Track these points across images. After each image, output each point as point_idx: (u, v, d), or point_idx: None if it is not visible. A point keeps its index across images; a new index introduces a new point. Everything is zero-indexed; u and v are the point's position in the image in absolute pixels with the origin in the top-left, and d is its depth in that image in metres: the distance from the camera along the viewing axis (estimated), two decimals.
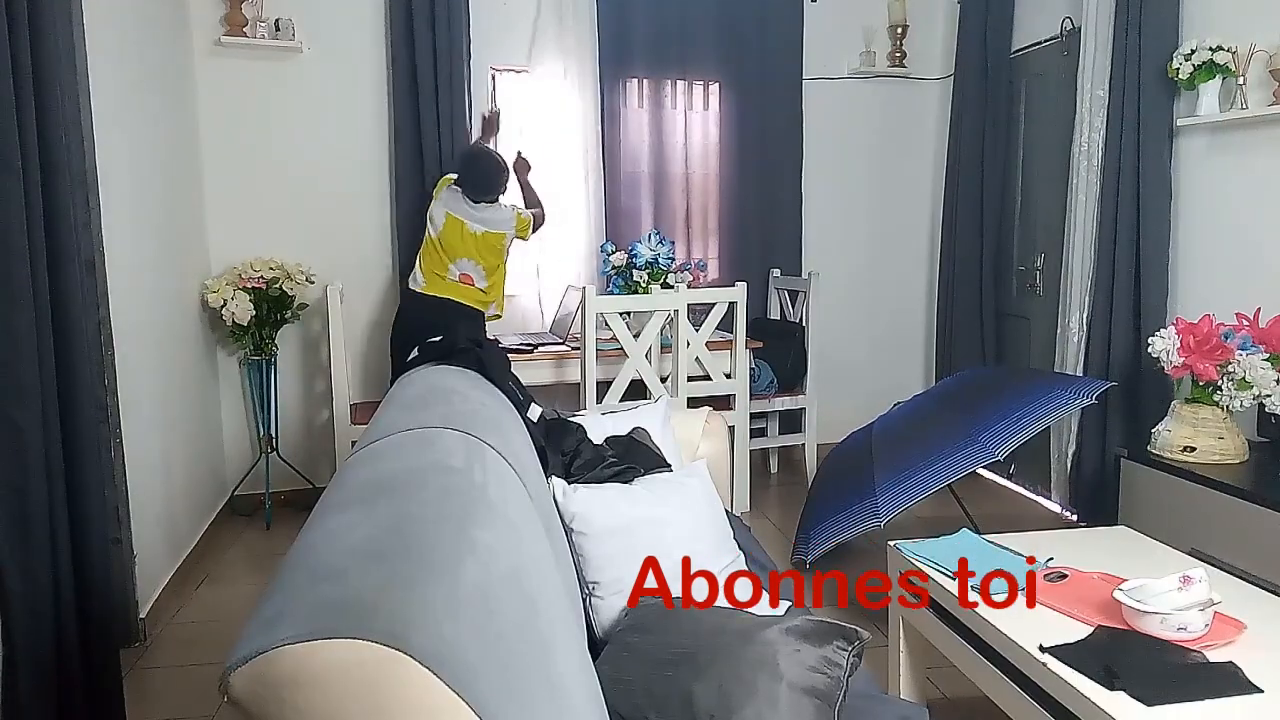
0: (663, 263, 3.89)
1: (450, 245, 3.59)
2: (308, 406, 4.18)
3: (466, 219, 3.57)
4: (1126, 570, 1.94)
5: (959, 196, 4.40)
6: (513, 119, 4.23)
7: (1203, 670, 1.58)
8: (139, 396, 2.89)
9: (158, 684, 2.58)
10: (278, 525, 3.88)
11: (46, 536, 1.90)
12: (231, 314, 3.66)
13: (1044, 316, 4.03)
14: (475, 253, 3.60)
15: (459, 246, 3.58)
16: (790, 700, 1.29)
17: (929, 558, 2.14)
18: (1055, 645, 1.67)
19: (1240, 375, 2.66)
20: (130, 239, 2.90)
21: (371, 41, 4.04)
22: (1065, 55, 3.84)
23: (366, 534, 0.96)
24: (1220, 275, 3.16)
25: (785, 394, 4.25)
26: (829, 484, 3.29)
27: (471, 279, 3.62)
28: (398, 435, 1.40)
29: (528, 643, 0.94)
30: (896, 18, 4.60)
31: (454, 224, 3.57)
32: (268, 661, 0.75)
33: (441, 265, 3.60)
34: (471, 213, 3.58)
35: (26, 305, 1.83)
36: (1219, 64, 2.97)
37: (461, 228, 3.57)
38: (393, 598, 0.82)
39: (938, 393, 3.39)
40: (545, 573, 1.18)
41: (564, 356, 3.68)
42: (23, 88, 1.85)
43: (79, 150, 2.44)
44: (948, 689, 2.45)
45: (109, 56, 2.77)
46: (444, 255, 3.60)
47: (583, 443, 2.22)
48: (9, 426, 1.80)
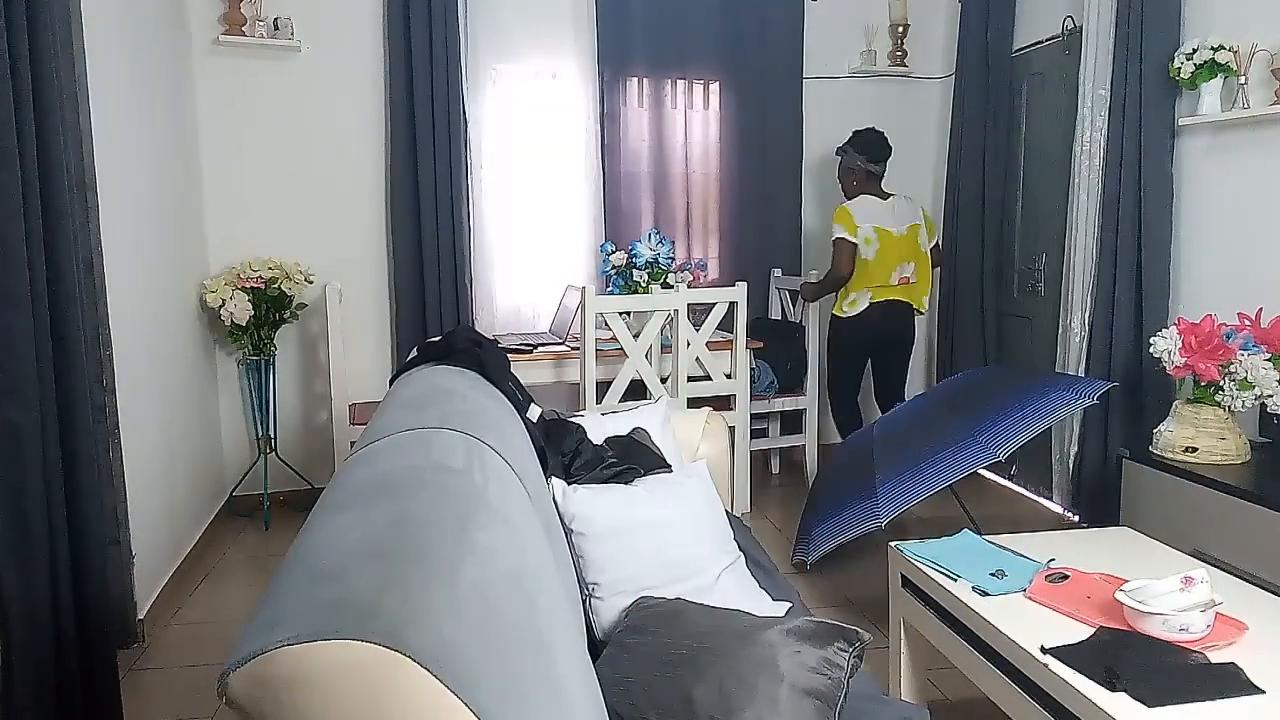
0: (663, 262, 3.89)
1: (885, 256, 3.79)
2: (306, 407, 4.18)
3: (890, 227, 3.79)
4: (1128, 571, 1.94)
5: (960, 196, 4.40)
6: (513, 118, 4.23)
7: (1204, 671, 1.58)
8: (138, 397, 2.88)
9: (156, 685, 2.57)
10: (276, 526, 3.88)
11: (45, 537, 1.89)
12: (230, 314, 3.66)
13: (1045, 316, 4.02)
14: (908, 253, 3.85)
15: (893, 254, 3.80)
16: (791, 701, 1.29)
17: (930, 558, 2.13)
18: (1056, 646, 1.67)
19: (1242, 375, 2.65)
20: (129, 239, 2.89)
21: (370, 40, 4.04)
22: (1066, 54, 3.83)
23: (366, 534, 0.96)
24: (1222, 275, 3.15)
25: (786, 395, 4.25)
26: (830, 485, 3.29)
27: (909, 279, 3.87)
28: (397, 435, 1.40)
29: (528, 643, 0.94)
30: (897, 17, 4.60)
31: (883, 235, 3.78)
32: (267, 662, 0.75)
33: (884, 277, 3.80)
34: (888, 217, 3.79)
35: (25, 305, 1.82)
36: (1220, 63, 2.97)
37: (888, 236, 3.78)
38: (392, 598, 0.81)
39: (939, 393, 3.39)
40: (545, 573, 1.18)
41: (563, 356, 3.67)
42: (21, 87, 1.85)
43: (77, 150, 2.44)
44: (948, 690, 2.45)
45: (108, 56, 2.76)
46: (883, 268, 3.80)
47: (583, 443, 2.21)
48: (7, 427, 1.80)
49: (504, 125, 4.22)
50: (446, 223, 4.02)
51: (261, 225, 3.98)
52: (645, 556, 1.86)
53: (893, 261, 3.81)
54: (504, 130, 4.22)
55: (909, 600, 2.20)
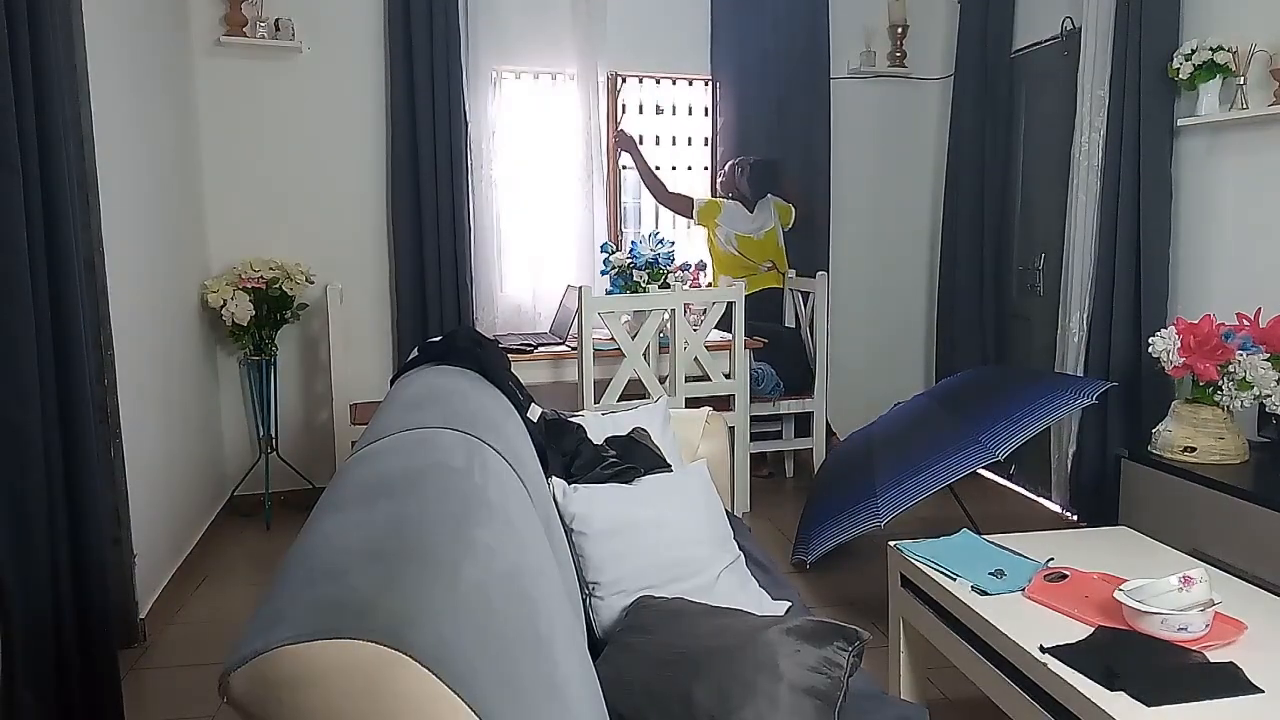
0: (663, 263, 3.89)
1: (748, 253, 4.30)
2: (307, 407, 4.18)
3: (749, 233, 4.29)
4: (1127, 570, 1.94)
5: (959, 197, 4.40)
6: (513, 119, 4.23)
7: (1203, 670, 1.58)
8: (139, 396, 2.88)
9: (157, 685, 2.57)
10: (277, 525, 3.88)
11: (46, 537, 1.90)
12: (231, 314, 3.66)
13: (1044, 317, 4.02)
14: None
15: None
16: (790, 701, 1.29)
17: (929, 558, 2.14)
18: (1056, 645, 1.67)
19: (1241, 375, 2.66)
20: (130, 239, 2.90)
21: (371, 41, 4.04)
22: (1065, 55, 3.83)
23: (366, 534, 0.96)
24: (1221, 275, 3.16)
25: (793, 397, 4.24)
26: (830, 484, 3.29)
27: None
28: (397, 435, 1.40)
29: (527, 643, 0.94)
30: (896, 17, 4.60)
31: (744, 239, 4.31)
32: (267, 662, 0.75)
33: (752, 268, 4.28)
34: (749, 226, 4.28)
35: (26, 305, 1.83)
36: (1219, 64, 2.97)
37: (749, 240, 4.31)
38: (393, 598, 0.82)
39: (938, 393, 3.39)
40: (545, 573, 1.18)
41: (563, 356, 3.67)
42: (23, 88, 1.85)
43: (79, 150, 2.45)
44: (948, 689, 2.45)
45: (109, 56, 2.76)
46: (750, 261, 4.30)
47: (583, 443, 2.22)
48: (8, 427, 1.80)
49: (504, 125, 4.22)
50: (447, 223, 4.02)
51: (262, 225, 3.99)
52: (645, 556, 1.87)
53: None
54: (504, 130, 4.22)
55: (908, 599, 2.20)
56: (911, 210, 4.81)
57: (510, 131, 4.23)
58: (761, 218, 4.34)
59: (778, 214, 4.38)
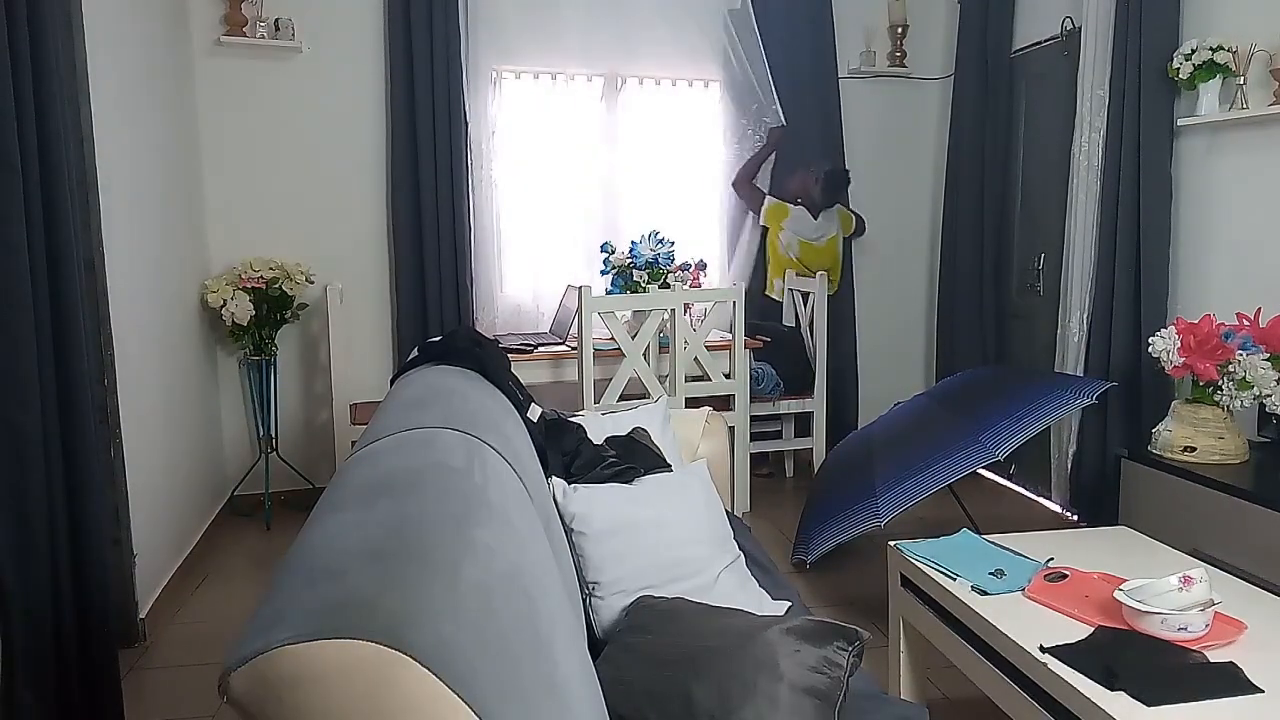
0: (663, 262, 3.89)
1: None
2: (307, 407, 4.18)
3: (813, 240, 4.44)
4: (1127, 570, 1.94)
5: (959, 196, 4.40)
6: (514, 119, 4.24)
7: (1203, 670, 1.58)
8: (139, 396, 2.89)
9: (157, 685, 2.58)
10: (278, 525, 3.88)
11: (46, 537, 1.90)
12: (231, 314, 3.66)
13: (1044, 316, 4.02)
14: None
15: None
16: (790, 700, 1.29)
17: (929, 558, 2.14)
18: (1055, 645, 1.67)
19: (1241, 375, 2.66)
20: (130, 239, 2.90)
21: (371, 41, 4.04)
22: (1065, 55, 3.83)
23: (366, 534, 0.96)
24: (1221, 275, 3.16)
25: (793, 397, 4.24)
26: (830, 484, 3.29)
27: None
28: (398, 435, 1.40)
29: (527, 643, 0.94)
30: (896, 17, 4.60)
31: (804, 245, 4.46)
32: (267, 662, 0.75)
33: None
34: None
35: (26, 306, 1.83)
36: (1219, 64, 2.97)
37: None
38: (393, 598, 0.82)
39: (938, 393, 3.39)
40: (545, 572, 1.18)
41: (563, 356, 3.67)
42: (23, 88, 1.85)
43: (79, 150, 2.45)
44: (948, 689, 2.45)
45: (109, 56, 2.76)
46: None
47: (583, 443, 2.21)
48: (8, 427, 1.80)
49: (504, 125, 4.22)
50: (447, 223, 4.02)
51: (262, 225, 3.99)
52: (645, 556, 1.87)
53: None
54: (504, 130, 4.22)
55: (908, 599, 2.20)
56: (911, 210, 4.81)
57: (510, 131, 4.23)
58: (826, 225, 4.47)
59: (840, 222, 4.51)
